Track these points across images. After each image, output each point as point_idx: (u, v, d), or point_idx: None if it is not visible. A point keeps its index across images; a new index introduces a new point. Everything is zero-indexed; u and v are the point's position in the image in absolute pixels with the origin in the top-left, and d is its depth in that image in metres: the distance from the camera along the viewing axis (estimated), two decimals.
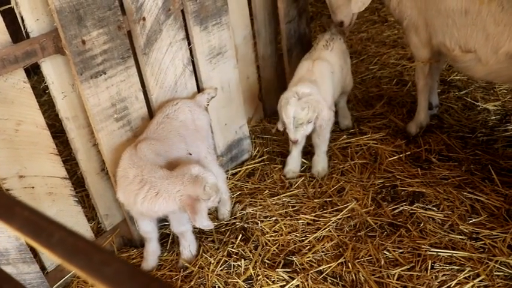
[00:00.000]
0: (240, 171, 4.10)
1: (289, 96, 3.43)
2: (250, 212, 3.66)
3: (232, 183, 3.97)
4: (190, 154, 3.28)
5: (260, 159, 4.19)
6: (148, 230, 3.31)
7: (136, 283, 0.75)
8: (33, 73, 5.52)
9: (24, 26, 2.87)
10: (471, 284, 2.86)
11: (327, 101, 3.62)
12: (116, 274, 0.77)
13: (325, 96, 3.61)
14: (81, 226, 3.37)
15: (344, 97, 4.39)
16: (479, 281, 2.87)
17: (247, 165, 4.15)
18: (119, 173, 3.05)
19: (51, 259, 3.30)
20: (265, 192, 3.82)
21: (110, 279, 0.77)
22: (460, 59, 3.42)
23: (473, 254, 3.04)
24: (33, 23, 2.88)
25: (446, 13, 3.32)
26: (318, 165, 3.93)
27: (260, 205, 3.71)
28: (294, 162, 3.97)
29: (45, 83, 3.08)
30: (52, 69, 3.01)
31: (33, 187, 3.08)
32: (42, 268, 3.18)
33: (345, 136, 4.29)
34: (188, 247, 3.32)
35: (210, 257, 3.32)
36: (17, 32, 2.92)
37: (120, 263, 0.78)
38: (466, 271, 2.94)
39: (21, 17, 2.85)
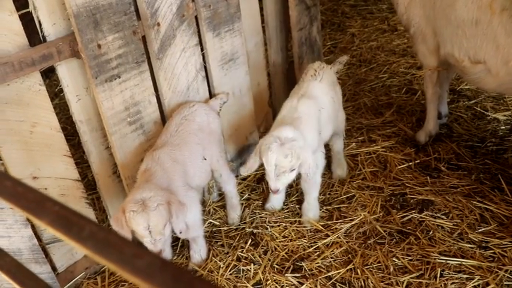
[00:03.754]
0: (249, 176, 4.12)
1: (270, 142, 3.02)
2: (259, 217, 3.67)
3: (242, 188, 3.99)
4: (205, 159, 3.32)
5: None
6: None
7: (167, 275, 0.77)
8: (45, 76, 5.59)
9: (41, 29, 2.92)
10: None
11: (311, 143, 3.26)
12: (148, 266, 0.79)
13: (309, 138, 3.24)
14: None
15: (339, 139, 3.91)
16: None
17: (256, 171, 4.16)
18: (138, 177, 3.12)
19: (61, 260, 3.33)
20: None
21: (142, 272, 0.79)
22: (469, 70, 3.40)
23: (483, 263, 3.05)
24: (50, 26, 2.93)
25: (456, 23, 3.32)
26: (308, 213, 3.58)
27: (270, 211, 3.73)
28: (276, 199, 3.72)
29: (60, 86, 3.12)
30: (67, 73, 3.05)
31: (46, 188, 3.12)
32: (53, 269, 3.21)
33: (354, 144, 4.30)
34: (199, 251, 3.34)
35: (220, 261, 3.34)
36: (30, 35, 2.96)
37: (151, 256, 0.81)
38: (475, 280, 2.95)
39: (39, 21, 2.90)
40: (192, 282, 0.75)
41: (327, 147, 3.84)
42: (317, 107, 3.38)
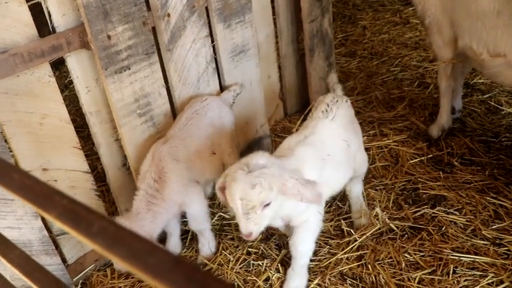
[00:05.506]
0: None
1: (235, 170, 2.46)
2: None
3: None
4: (214, 154, 3.29)
5: None
6: (169, 225, 3.33)
7: (180, 273, 0.74)
8: (55, 68, 5.57)
9: (50, 20, 2.90)
10: None
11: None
12: (160, 264, 0.76)
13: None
14: None
15: (357, 183, 3.39)
16: None
17: None
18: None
19: (71, 252, 3.32)
20: None
21: (153, 269, 0.76)
22: (488, 64, 3.31)
23: (497, 260, 2.99)
24: (60, 17, 2.91)
25: (476, 15, 3.23)
26: (291, 282, 2.97)
27: None
28: (297, 279, 3.01)
29: (69, 77, 3.10)
30: (77, 64, 3.03)
31: (55, 180, 3.11)
32: (63, 261, 3.20)
33: (365, 138, 4.25)
34: (207, 244, 3.32)
35: (230, 254, 3.32)
36: (40, 26, 2.93)
37: (163, 253, 0.78)
38: (489, 277, 2.90)
39: (48, 12, 2.88)
40: (206, 282, 0.72)
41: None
42: (320, 156, 2.81)
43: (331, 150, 2.88)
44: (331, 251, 3.25)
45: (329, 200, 3.20)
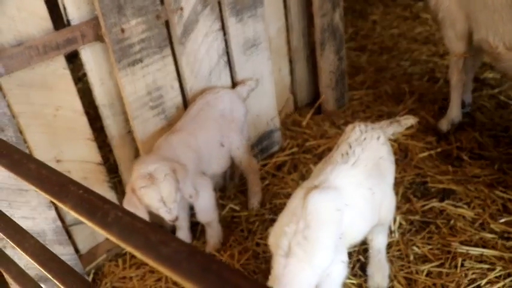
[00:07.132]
0: (269, 163, 4.11)
1: None
2: (279, 203, 3.67)
3: (262, 174, 3.97)
4: (223, 146, 3.32)
5: (290, 151, 4.20)
6: (179, 217, 3.36)
7: (194, 263, 0.77)
8: (69, 61, 5.61)
9: (65, 13, 2.94)
10: (502, 283, 2.84)
11: (318, 264, 2.25)
12: (174, 254, 0.79)
13: (320, 254, 2.26)
14: None
15: (381, 233, 2.85)
16: (510, 281, 2.85)
17: (276, 157, 4.16)
18: None
19: (84, 242, 3.37)
20: (295, 184, 3.83)
21: (168, 259, 0.79)
22: (504, 57, 3.28)
23: (505, 254, 3.01)
24: (75, 10, 2.94)
25: (493, 7, 3.19)
26: None
27: (289, 197, 3.71)
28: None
29: (83, 70, 3.15)
30: (91, 57, 3.07)
31: (69, 171, 3.16)
32: (76, 251, 3.25)
33: None
34: (215, 236, 3.35)
35: (239, 245, 3.35)
36: (55, 20, 2.97)
37: (178, 243, 0.81)
38: (496, 270, 2.92)
39: (63, 5, 2.91)
40: (221, 272, 0.74)
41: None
42: (337, 206, 2.35)
43: (351, 199, 2.43)
44: None
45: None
